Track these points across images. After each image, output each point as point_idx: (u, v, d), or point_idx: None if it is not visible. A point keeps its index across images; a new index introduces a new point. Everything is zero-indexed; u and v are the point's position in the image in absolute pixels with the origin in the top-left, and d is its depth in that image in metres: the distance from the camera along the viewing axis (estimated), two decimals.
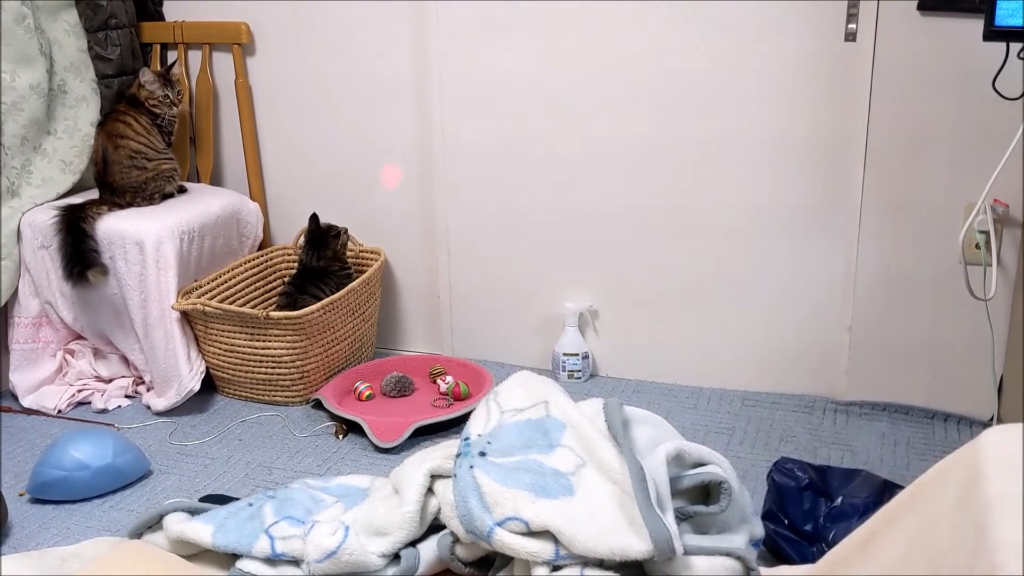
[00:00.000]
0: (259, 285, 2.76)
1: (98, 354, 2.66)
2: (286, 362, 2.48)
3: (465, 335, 2.79)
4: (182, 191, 2.68)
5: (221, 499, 1.97)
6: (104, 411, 2.53)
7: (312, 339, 2.48)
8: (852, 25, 2.19)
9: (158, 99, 2.60)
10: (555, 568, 1.54)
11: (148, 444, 2.34)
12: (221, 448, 2.34)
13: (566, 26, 2.42)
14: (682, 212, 2.47)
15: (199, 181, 2.87)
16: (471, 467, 1.66)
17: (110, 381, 2.63)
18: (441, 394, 2.52)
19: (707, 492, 1.69)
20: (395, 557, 1.68)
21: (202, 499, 1.98)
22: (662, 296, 2.56)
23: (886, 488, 1.79)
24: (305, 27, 2.67)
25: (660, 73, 2.38)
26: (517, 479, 1.63)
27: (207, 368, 2.54)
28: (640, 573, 1.53)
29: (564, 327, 2.62)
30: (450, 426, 2.36)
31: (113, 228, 2.45)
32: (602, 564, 1.52)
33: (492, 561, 1.68)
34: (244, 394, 2.57)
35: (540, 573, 1.54)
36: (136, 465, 2.19)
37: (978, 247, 2.18)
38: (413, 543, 1.70)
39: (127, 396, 2.59)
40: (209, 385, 2.58)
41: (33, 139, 2.56)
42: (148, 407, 2.53)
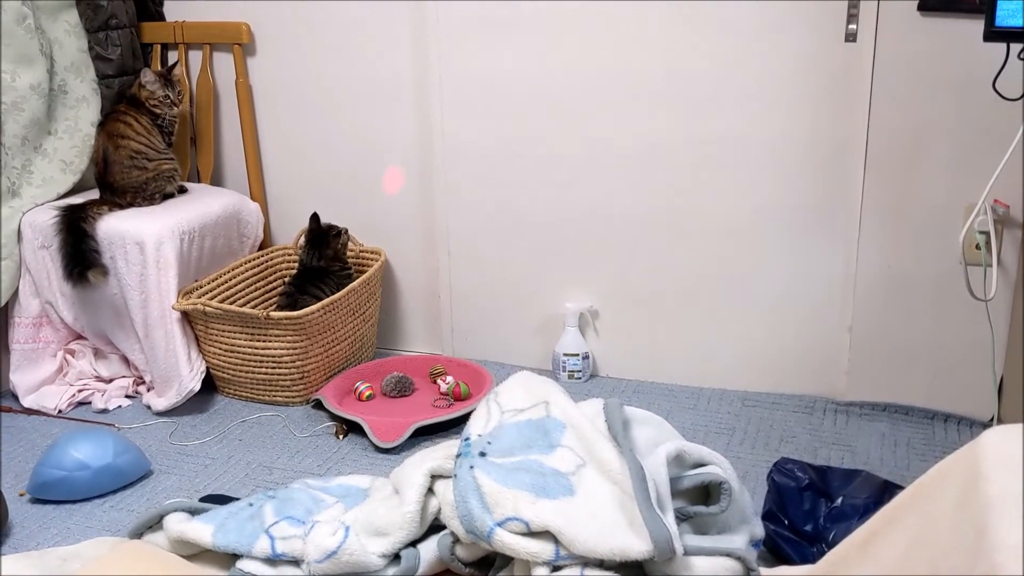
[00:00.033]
0: (259, 285, 2.77)
1: (98, 354, 2.66)
2: (286, 362, 2.48)
3: (465, 335, 2.79)
4: (183, 191, 2.68)
5: (221, 499, 1.97)
6: (104, 411, 2.53)
7: (312, 339, 2.48)
8: (852, 25, 2.19)
9: (159, 99, 2.60)
10: (555, 568, 1.54)
11: (148, 444, 2.34)
12: (221, 448, 2.34)
13: (566, 26, 2.42)
14: (682, 212, 2.47)
15: (199, 181, 2.87)
16: (471, 467, 1.66)
17: (110, 381, 2.63)
18: (441, 394, 2.52)
19: (707, 492, 1.69)
20: (395, 557, 1.69)
21: (202, 499, 1.98)
22: (662, 296, 2.56)
23: (886, 489, 1.79)
24: (305, 27, 2.67)
25: (660, 73, 2.38)
26: (517, 479, 1.63)
27: (207, 368, 2.54)
28: (640, 573, 1.53)
29: (564, 327, 2.62)
30: (450, 426, 2.36)
31: (114, 228, 2.45)
32: (602, 564, 1.52)
33: (492, 561, 1.68)
34: (244, 394, 2.57)
35: (540, 573, 1.54)
36: (136, 465, 2.19)
37: (978, 248, 2.18)
38: (413, 543, 1.70)
39: (127, 396, 2.60)
40: (209, 385, 2.58)
41: (34, 139, 2.56)
42: (148, 407, 2.53)
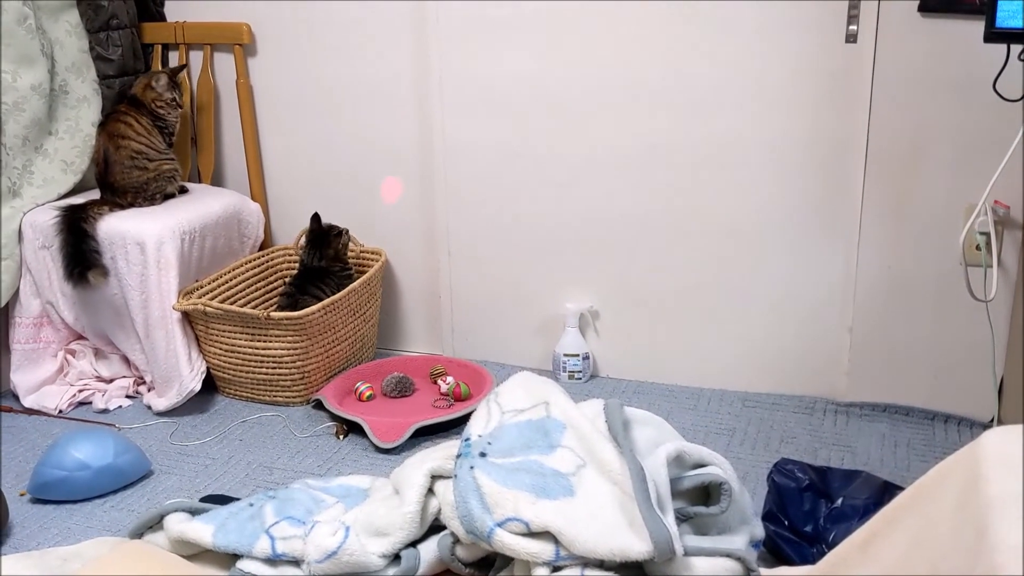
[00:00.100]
0: (260, 285, 2.77)
1: (99, 354, 2.66)
2: (287, 362, 2.48)
3: (466, 336, 2.79)
4: (183, 191, 2.68)
5: (222, 499, 1.97)
6: (105, 411, 2.54)
7: (313, 339, 2.48)
8: (853, 26, 2.20)
9: (165, 101, 2.61)
10: (555, 569, 1.54)
11: (149, 444, 2.35)
12: (222, 448, 2.34)
13: (566, 26, 2.42)
14: (682, 212, 2.47)
15: (200, 181, 2.87)
16: (471, 468, 1.66)
17: (111, 381, 2.63)
18: (442, 395, 2.52)
19: (707, 493, 1.69)
20: (395, 557, 1.69)
21: (203, 499, 1.98)
22: (663, 297, 2.56)
23: (886, 489, 1.79)
24: (306, 28, 2.67)
25: (660, 73, 2.38)
26: (517, 480, 1.63)
27: (208, 368, 2.54)
28: (640, 574, 1.53)
29: (564, 328, 2.62)
30: (451, 427, 2.36)
31: (114, 228, 2.45)
32: (602, 565, 1.52)
33: (492, 562, 1.68)
34: (245, 394, 2.57)
35: (540, 574, 1.54)
36: (137, 465, 2.19)
37: (979, 248, 2.18)
38: (413, 543, 1.70)
39: (128, 396, 2.60)
40: (210, 385, 2.58)
41: (34, 139, 2.56)
42: (149, 407, 2.53)
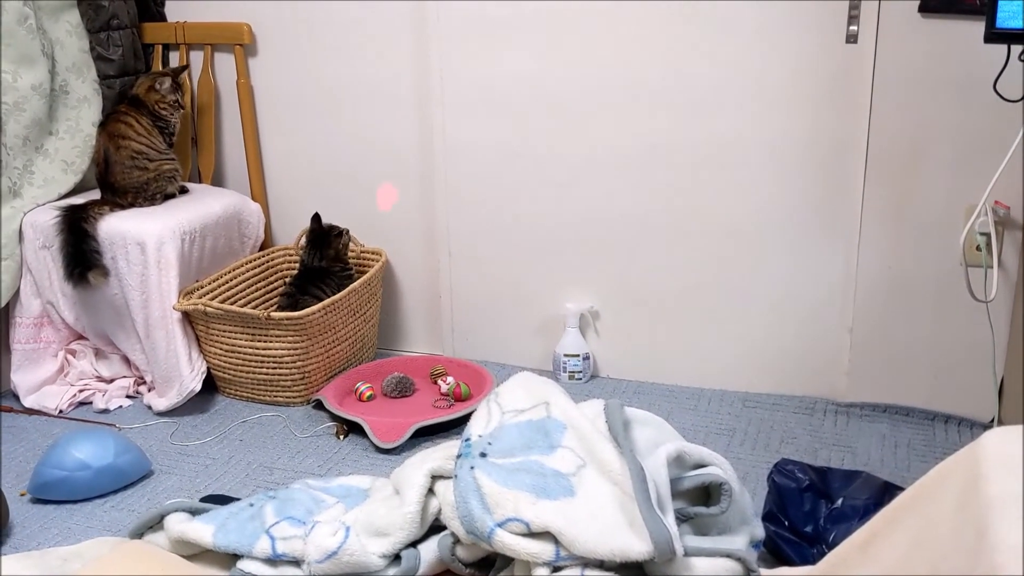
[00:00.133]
0: (260, 285, 2.77)
1: (99, 354, 2.66)
2: (287, 363, 2.48)
3: (466, 336, 2.79)
4: (183, 191, 2.68)
5: (222, 499, 1.97)
6: (105, 411, 2.54)
7: (313, 340, 2.48)
8: (853, 27, 2.20)
9: (168, 103, 2.62)
10: (556, 569, 1.54)
11: (149, 444, 2.35)
12: (222, 448, 2.34)
13: (566, 26, 2.42)
14: (682, 213, 2.47)
15: (201, 181, 2.87)
16: (472, 468, 1.66)
17: (111, 381, 2.63)
18: (442, 395, 2.52)
19: (707, 493, 1.69)
20: (396, 558, 1.69)
21: (203, 499, 1.98)
22: (663, 297, 2.56)
23: (887, 490, 1.79)
24: (306, 28, 2.67)
25: (660, 74, 2.38)
26: (518, 480, 1.63)
27: (208, 368, 2.54)
28: (640, 574, 1.53)
29: (565, 328, 2.62)
30: (451, 427, 2.36)
31: (115, 228, 2.45)
32: (602, 565, 1.52)
33: (493, 562, 1.68)
34: (245, 394, 2.57)
35: (541, 574, 1.54)
36: (137, 465, 2.19)
37: (979, 249, 2.18)
38: (414, 544, 1.70)
39: (128, 396, 2.60)
40: (210, 385, 2.58)
41: (35, 139, 2.56)
42: (149, 407, 2.53)
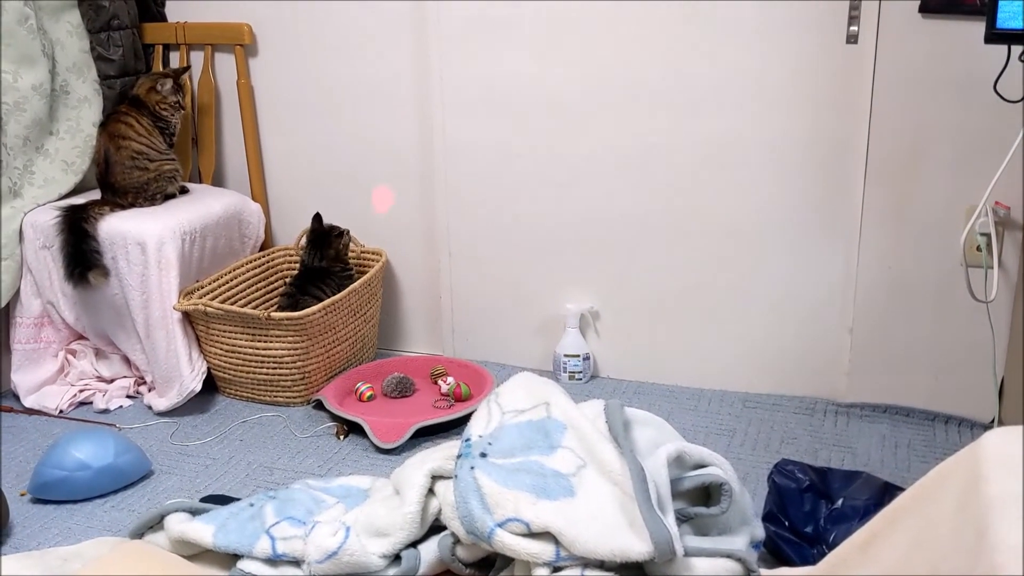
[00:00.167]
0: (260, 286, 2.77)
1: (100, 354, 2.66)
2: (287, 363, 2.48)
3: (466, 336, 2.79)
4: (184, 192, 2.68)
5: (222, 499, 1.97)
6: (105, 411, 2.54)
7: (313, 340, 2.48)
8: (854, 27, 2.20)
9: (169, 104, 2.62)
10: (556, 569, 1.54)
11: (149, 444, 2.35)
12: (222, 448, 2.34)
13: (566, 26, 2.42)
14: (682, 213, 2.47)
15: (201, 182, 2.87)
16: (472, 468, 1.66)
17: (111, 381, 2.63)
18: (442, 395, 2.52)
19: (708, 494, 1.69)
20: (396, 558, 1.69)
21: (203, 499, 1.98)
22: (663, 297, 2.56)
23: (887, 490, 1.79)
24: (307, 28, 2.67)
25: (660, 74, 2.38)
26: (518, 480, 1.63)
27: (208, 368, 2.54)
28: (641, 574, 1.53)
29: (565, 328, 2.62)
30: (451, 427, 2.36)
31: (115, 228, 2.45)
32: (603, 565, 1.52)
33: (493, 562, 1.68)
34: (245, 395, 2.57)
35: (541, 574, 1.54)
36: (137, 465, 2.19)
37: (979, 249, 2.18)
38: (414, 544, 1.70)
39: (128, 396, 2.60)
40: (210, 385, 2.58)
41: (35, 139, 2.56)
42: (149, 407, 2.53)
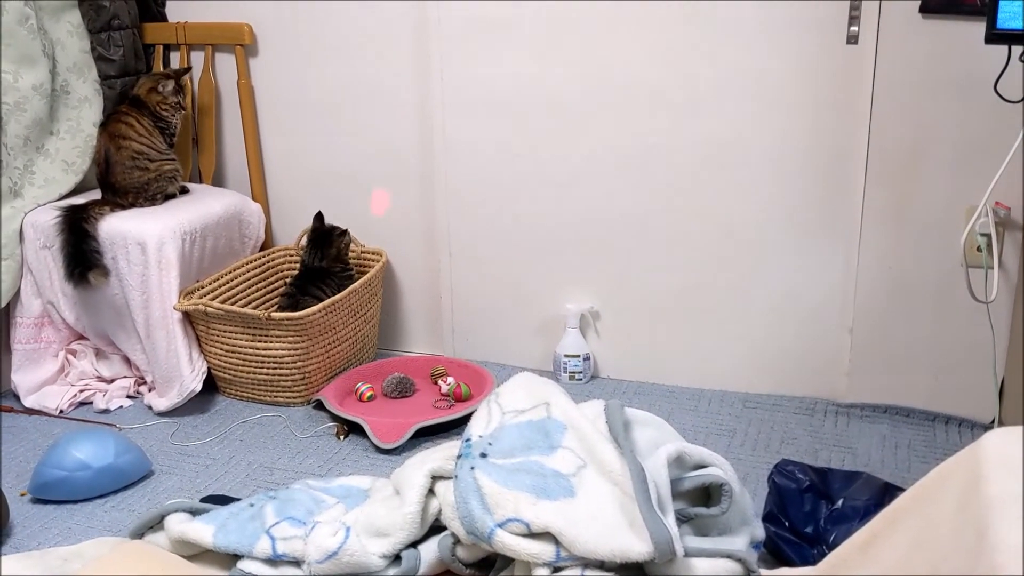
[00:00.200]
0: (261, 286, 2.77)
1: (100, 354, 2.66)
2: (287, 363, 2.48)
3: (466, 336, 2.79)
4: (184, 192, 2.68)
5: (222, 499, 1.97)
6: (106, 411, 2.54)
7: (314, 340, 2.48)
8: (854, 27, 2.20)
9: (170, 105, 2.62)
10: (556, 569, 1.54)
11: (149, 444, 2.35)
12: (222, 449, 2.34)
13: (566, 27, 2.42)
14: (682, 213, 2.47)
15: (201, 182, 2.87)
16: (472, 468, 1.66)
17: (112, 381, 2.63)
18: (442, 395, 2.52)
19: (708, 494, 1.69)
20: (396, 558, 1.69)
21: (203, 499, 1.98)
22: (663, 298, 2.56)
23: (887, 490, 1.79)
24: (307, 28, 2.68)
25: (660, 74, 2.38)
26: (518, 480, 1.63)
27: (208, 369, 2.54)
28: (641, 575, 1.53)
29: (565, 328, 2.62)
30: (451, 427, 2.36)
31: (115, 228, 2.45)
32: (603, 566, 1.52)
33: (493, 562, 1.68)
34: (245, 395, 2.57)
35: (541, 574, 1.54)
36: (137, 465, 2.19)
37: (979, 250, 2.18)
38: (414, 544, 1.70)
39: (129, 396, 2.60)
40: (210, 386, 2.58)
41: (36, 139, 2.56)
42: (150, 407, 2.53)
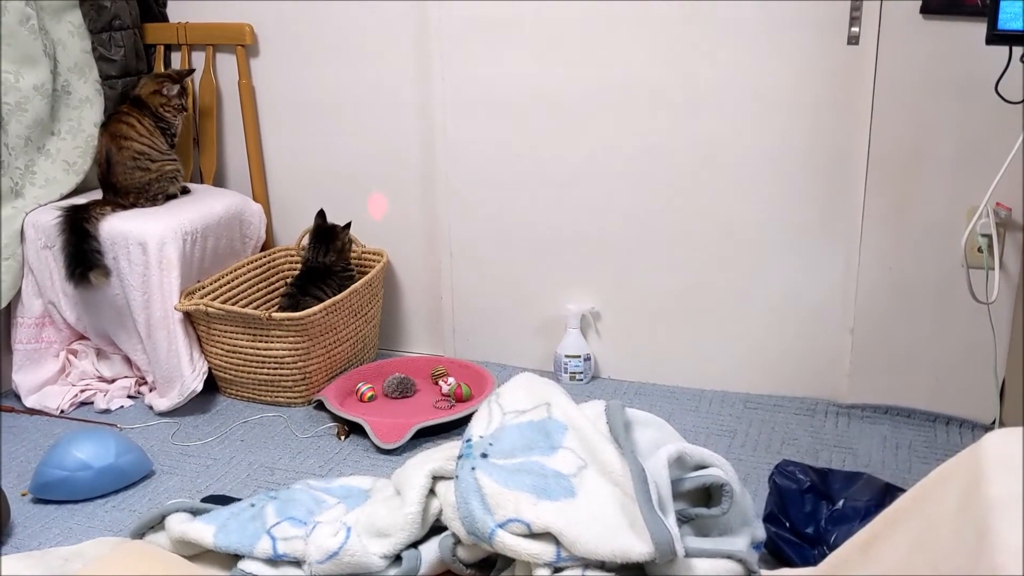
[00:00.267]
0: (262, 286, 2.77)
1: (101, 354, 2.66)
2: (288, 363, 2.48)
3: (467, 336, 2.79)
4: (185, 192, 2.69)
5: (223, 500, 1.97)
6: (107, 411, 2.54)
7: (314, 340, 2.48)
8: (855, 28, 2.20)
9: (173, 107, 2.62)
10: (556, 570, 1.54)
11: (150, 444, 2.35)
12: (223, 449, 2.34)
13: (567, 27, 2.42)
14: (683, 213, 2.47)
15: (202, 182, 2.87)
16: (473, 468, 1.67)
17: (113, 381, 2.63)
18: (443, 395, 2.52)
19: (708, 494, 1.69)
20: (397, 558, 1.69)
21: (204, 499, 1.98)
22: (664, 298, 2.56)
23: (887, 491, 1.79)
24: (308, 29, 2.68)
25: (660, 74, 2.38)
26: (519, 481, 1.63)
27: (209, 369, 2.54)
28: (641, 575, 1.53)
29: (566, 329, 2.62)
30: (452, 428, 2.36)
31: (116, 229, 2.45)
32: (603, 566, 1.52)
33: (493, 563, 1.68)
34: (246, 395, 2.57)
35: (541, 574, 1.54)
36: (138, 465, 2.19)
37: (980, 251, 2.18)
38: (415, 544, 1.70)
39: (130, 396, 2.60)
40: (211, 386, 2.58)
41: (37, 139, 2.57)
42: (150, 407, 2.53)
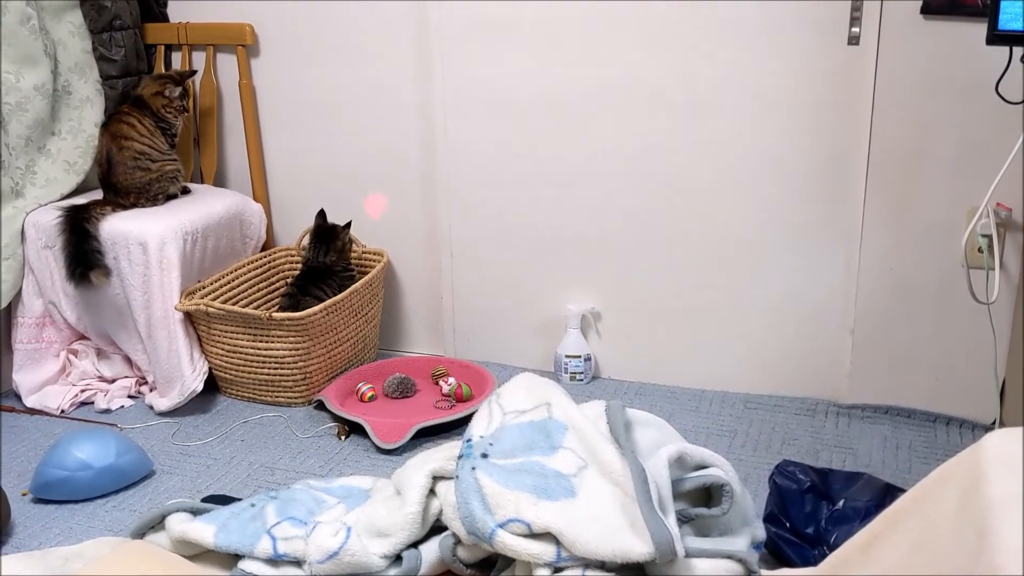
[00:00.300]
0: (262, 286, 2.77)
1: (101, 354, 2.66)
2: (289, 363, 2.48)
3: (467, 336, 2.79)
4: (186, 192, 2.69)
5: (223, 499, 1.97)
6: (107, 411, 2.54)
7: (315, 340, 2.48)
8: (855, 28, 2.20)
9: (175, 108, 2.62)
10: (557, 570, 1.54)
11: (151, 444, 2.35)
12: (223, 449, 2.34)
13: (567, 27, 2.42)
14: (683, 213, 2.47)
15: (203, 182, 2.87)
16: (473, 468, 1.67)
17: (113, 381, 2.63)
18: (443, 395, 2.52)
19: (709, 494, 1.69)
20: (397, 558, 1.69)
21: (204, 499, 1.98)
22: (664, 298, 2.56)
23: (888, 491, 1.79)
24: (309, 29, 2.68)
25: (661, 75, 2.38)
26: (519, 481, 1.63)
27: (210, 369, 2.54)
28: (642, 575, 1.53)
29: (566, 329, 2.62)
30: (452, 428, 2.36)
31: (117, 229, 2.45)
32: (603, 566, 1.52)
33: (494, 563, 1.68)
34: (247, 395, 2.57)
35: (542, 574, 1.54)
36: (139, 465, 2.19)
37: (981, 251, 2.18)
38: (415, 544, 1.70)
39: (130, 396, 2.60)
40: (212, 386, 2.58)
41: (37, 140, 2.57)
42: (151, 407, 2.53)
